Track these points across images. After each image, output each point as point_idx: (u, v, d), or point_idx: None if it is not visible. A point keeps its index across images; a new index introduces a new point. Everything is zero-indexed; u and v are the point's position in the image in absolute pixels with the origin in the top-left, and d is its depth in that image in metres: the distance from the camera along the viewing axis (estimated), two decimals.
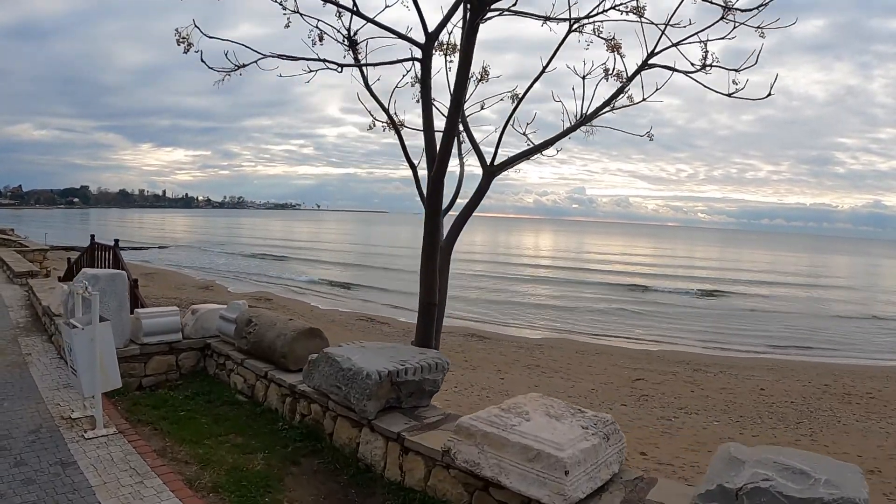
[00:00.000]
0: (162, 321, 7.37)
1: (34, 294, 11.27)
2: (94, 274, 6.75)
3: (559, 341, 22.68)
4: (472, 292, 37.14)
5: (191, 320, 7.87)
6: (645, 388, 16.15)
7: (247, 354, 7.28)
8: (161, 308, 7.69)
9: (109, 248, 13.81)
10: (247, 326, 7.22)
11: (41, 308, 10.01)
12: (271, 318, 7.21)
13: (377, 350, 6.03)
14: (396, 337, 21.37)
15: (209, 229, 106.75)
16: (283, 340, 6.74)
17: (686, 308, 35.51)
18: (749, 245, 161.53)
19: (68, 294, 6.79)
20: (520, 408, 4.55)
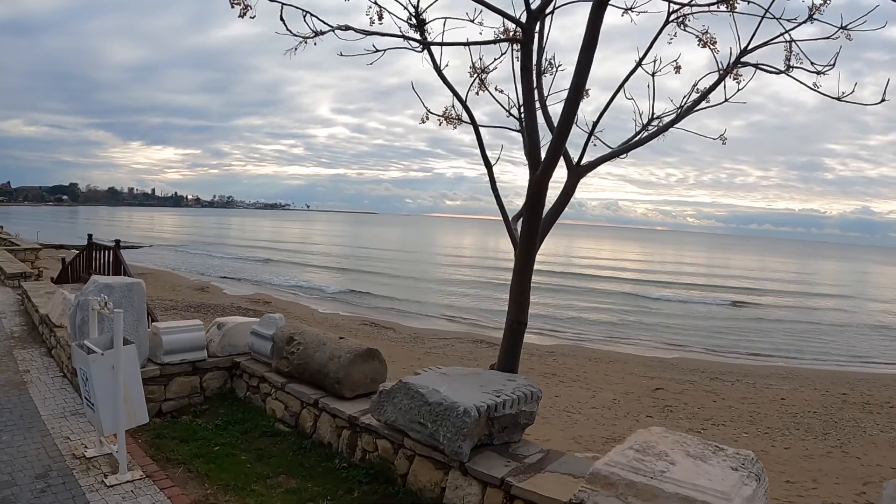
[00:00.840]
0: (185, 337, 6.28)
1: (29, 299, 10.12)
2: (108, 283, 5.67)
3: (570, 348, 21.79)
4: (476, 296, 36.11)
5: (216, 336, 6.79)
6: (667, 397, 15.54)
7: (288, 377, 6.24)
8: (183, 322, 6.58)
9: (109, 248, 12.68)
10: (288, 346, 6.16)
11: (38, 316, 8.88)
12: (318, 337, 6.14)
13: (461, 378, 5.03)
14: (404, 343, 20.41)
15: (200, 229, 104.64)
16: (337, 364, 5.69)
17: (688, 313, 34.81)
18: (739, 250, 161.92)
19: (76, 306, 5.70)
20: (653, 447, 3.67)
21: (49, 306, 8.36)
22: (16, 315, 10.31)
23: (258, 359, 6.71)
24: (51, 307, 8.24)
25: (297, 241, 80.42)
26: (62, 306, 7.65)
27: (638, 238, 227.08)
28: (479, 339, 21.86)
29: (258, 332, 6.66)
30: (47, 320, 8.08)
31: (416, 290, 36.16)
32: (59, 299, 7.95)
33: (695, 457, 3.60)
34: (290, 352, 6.11)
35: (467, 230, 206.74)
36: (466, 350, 20.05)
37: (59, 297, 8.04)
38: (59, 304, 7.82)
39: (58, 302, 7.94)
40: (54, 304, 8.03)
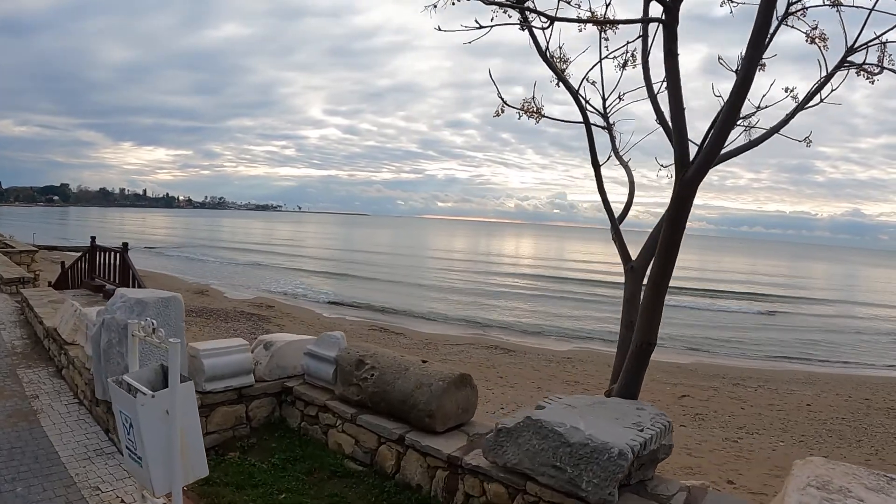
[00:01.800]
0: (229, 360, 5.23)
1: (31, 309, 9.00)
2: (140, 299, 4.59)
3: (587, 353, 20.91)
4: (479, 300, 35.16)
5: (263, 357, 5.74)
6: (694, 405, 14.91)
7: (358, 407, 5.23)
8: (225, 342, 5.51)
9: (116, 251, 11.59)
10: (358, 370, 5.14)
11: (43, 329, 7.79)
12: (395, 361, 5.13)
13: (590, 409, 4.21)
14: (417, 349, 19.38)
15: (193, 230, 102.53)
16: (427, 394, 4.69)
17: (696, 316, 34.04)
18: (732, 252, 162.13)
19: (99, 326, 4.62)
20: (831, 482, 3.11)
21: (57, 319, 7.28)
22: (16, 326, 9.16)
23: (314, 383, 5.68)
24: (59, 320, 7.15)
25: (292, 244, 78.93)
26: (73, 320, 6.58)
27: (630, 240, 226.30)
28: (493, 345, 20.95)
29: (316, 354, 5.62)
30: (55, 335, 7.00)
31: (417, 295, 35.09)
32: (69, 311, 6.87)
33: (876, 490, 3.11)
34: (361, 378, 5.09)
35: (460, 232, 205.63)
36: (483, 356, 19.11)
37: (69, 309, 6.96)
38: (69, 317, 6.74)
39: (67, 314, 6.86)
40: (63, 317, 6.94)
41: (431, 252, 74.12)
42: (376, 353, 5.31)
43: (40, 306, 8.90)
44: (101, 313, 4.65)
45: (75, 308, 6.69)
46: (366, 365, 5.15)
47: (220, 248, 62.22)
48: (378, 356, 5.22)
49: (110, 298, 4.79)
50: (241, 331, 19.41)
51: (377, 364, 5.10)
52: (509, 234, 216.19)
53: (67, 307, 7.12)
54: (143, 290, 4.84)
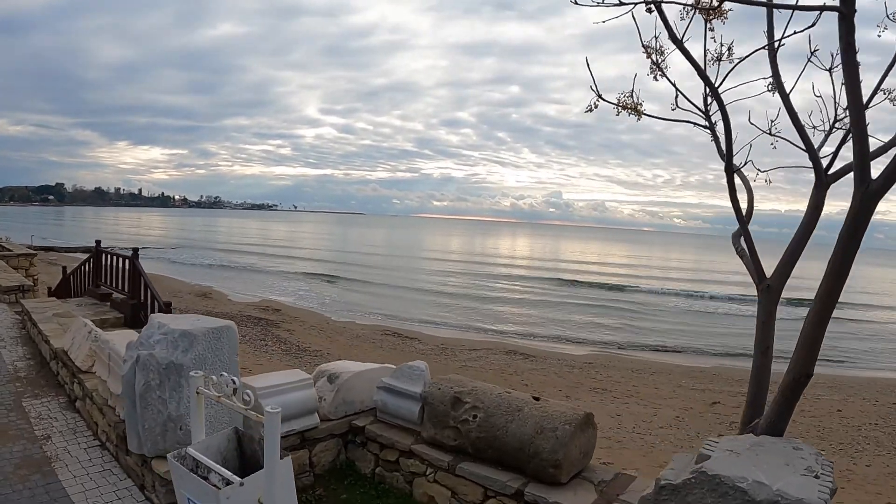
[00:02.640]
0: (291, 399, 4.23)
1: (34, 324, 7.94)
2: (186, 331, 3.56)
3: (607, 358, 20.02)
4: (485, 305, 34.24)
5: (327, 392, 4.75)
6: (728, 412, 14.06)
7: (455, 453, 4.26)
8: (284, 376, 4.49)
9: (125, 258, 10.54)
10: (455, 410, 4.16)
11: (50, 350, 6.75)
12: (502, 399, 4.15)
13: (754, 453, 3.37)
14: (435, 356, 18.43)
15: (190, 230, 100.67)
16: (552, 440, 3.72)
17: (702, 317, 33.36)
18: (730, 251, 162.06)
19: (133, 364, 3.58)
20: None
21: (66, 340, 6.24)
22: (17, 343, 8.08)
23: (392, 422, 4.69)
24: (69, 341, 6.12)
25: (290, 245, 77.62)
26: (88, 344, 5.55)
27: (625, 239, 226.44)
28: (511, 350, 20.03)
29: (395, 389, 4.63)
30: (65, 359, 5.98)
31: (422, 299, 34.09)
32: (82, 333, 5.85)
33: None
34: (460, 419, 4.11)
35: (457, 231, 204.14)
36: (503, 362, 18.18)
37: (81, 330, 5.94)
38: (81, 340, 5.72)
39: (80, 336, 5.83)
40: (75, 339, 5.90)
41: (431, 253, 72.81)
42: (475, 388, 4.32)
43: (44, 321, 7.86)
44: (134, 347, 3.64)
45: (89, 329, 5.66)
46: (465, 404, 4.17)
47: (218, 248, 60.86)
48: (479, 393, 4.23)
49: (144, 328, 3.77)
50: (251, 336, 18.40)
51: (480, 403, 4.12)
52: (507, 233, 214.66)
53: (78, 326, 6.09)
54: (185, 318, 3.80)
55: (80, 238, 61.81)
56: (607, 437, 11.90)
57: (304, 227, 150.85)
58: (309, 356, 16.76)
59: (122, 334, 4.97)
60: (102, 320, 9.50)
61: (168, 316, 3.84)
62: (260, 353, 16.71)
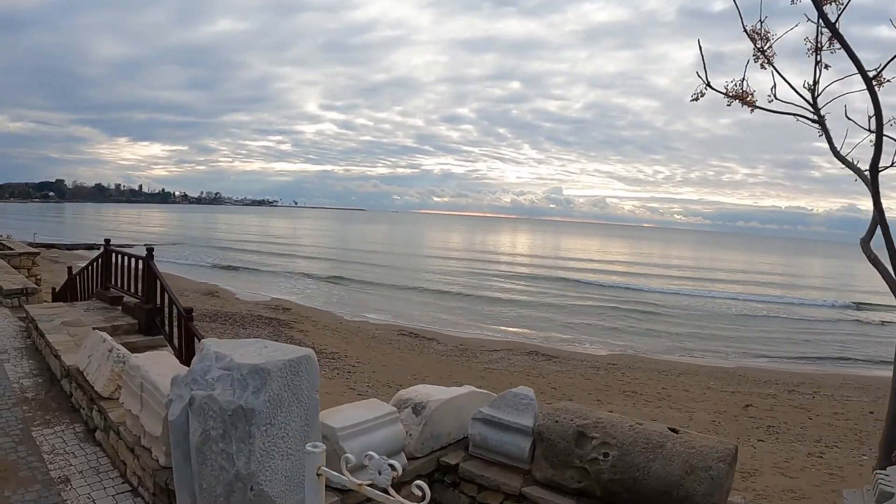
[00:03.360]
0: (377, 439, 3.36)
1: (41, 335, 7.05)
2: (256, 366, 2.63)
3: (631, 359, 19.23)
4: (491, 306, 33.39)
5: (413, 425, 3.87)
6: (762, 416, 13.61)
7: (578, 496, 3.41)
8: (366, 409, 3.57)
9: (138, 258, 9.65)
10: (580, 447, 3.34)
11: (61, 366, 5.87)
12: (638, 432, 3.36)
13: None
14: (456, 357, 17.63)
15: (192, 226, 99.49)
16: (707, 482, 3.01)
17: (712, 316, 32.66)
18: (732, 248, 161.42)
19: (185, 406, 2.66)
20: None
21: (82, 357, 5.34)
22: (22, 356, 7.16)
23: (492, 459, 3.82)
24: (84, 359, 5.23)
25: (294, 241, 76.71)
26: (110, 365, 4.66)
27: (627, 235, 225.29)
28: (532, 351, 19.23)
29: (499, 421, 3.76)
30: (81, 380, 5.10)
31: (434, 297, 33.27)
32: (100, 350, 4.96)
33: None
34: (588, 458, 3.28)
35: (459, 228, 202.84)
36: (526, 364, 17.39)
37: (99, 347, 5.05)
38: (100, 358, 4.83)
39: (97, 354, 4.94)
40: (92, 357, 5.00)
41: (436, 251, 71.75)
42: (601, 421, 3.48)
43: (53, 331, 6.97)
44: (183, 384, 2.77)
45: (109, 347, 4.78)
46: (592, 439, 3.33)
47: (221, 245, 59.84)
48: (607, 426, 3.39)
49: (196, 359, 2.88)
50: (263, 337, 17.55)
51: (611, 438, 3.28)
52: (509, 230, 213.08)
53: (95, 342, 5.21)
54: (246, 345, 2.89)
55: (82, 235, 60.87)
56: None
57: (305, 223, 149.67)
58: (326, 359, 15.91)
59: (155, 358, 4.10)
60: (114, 327, 8.63)
61: (226, 343, 2.95)
62: None
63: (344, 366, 15.36)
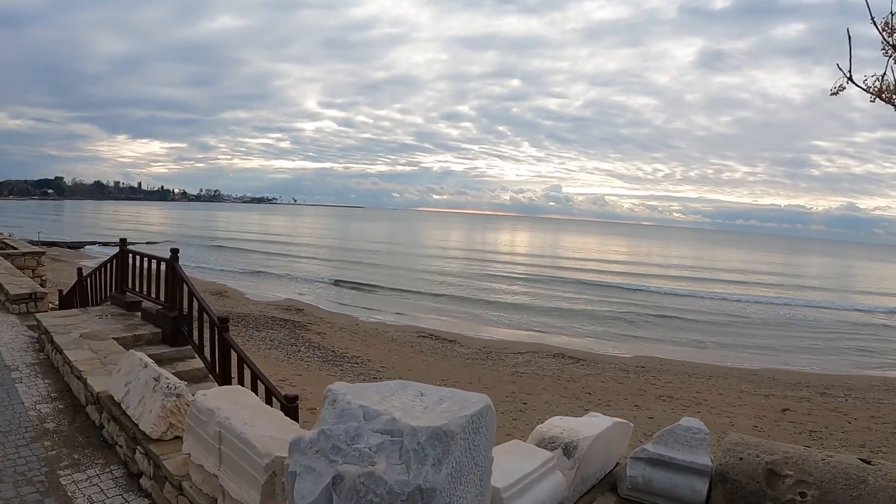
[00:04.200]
0: (540, 495, 2.46)
1: (58, 350, 6.06)
2: (437, 429, 1.72)
3: (658, 362, 18.41)
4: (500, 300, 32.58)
5: (566, 469, 2.98)
6: (801, 420, 13.02)
7: None
8: (512, 453, 2.71)
9: (161, 260, 8.72)
10: (772, 488, 2.53)
11: (86, 391, 4.92)
12: (832, 466, 2.49)
13: None
14: (481, 361, 16.77)
15: (192, 224, 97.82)
16: None
17: (729, 317, 31.94)
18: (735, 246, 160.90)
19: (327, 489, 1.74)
20: None
21: (116, 383, 4.34)
22: (36, 375, 6.17)
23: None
24: (122, 386, 4.23)
25: (297, 240, 75.54)
26: (158, 400, 3.70)
27: (628, 234, 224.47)
28: (557, 353, 18.37)
29: (666, 460, 2.87)
30: (117, 413, 4.16)
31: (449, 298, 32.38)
32: (143, 378, 3.99)
33: None
34: (782, 499, 2.42)
35: (460, 226, 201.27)
36: (554, 367, 16.54)
37: (140, 374, 4.08)
38: (145, 391, 3.86)
39: (140, 383, 3.96)
40: (134, 386, 4.01)
41: (440, 249, 70.63)
42: (790, 454, 2.60)
43: (71, 346, 6.01)
44: (313, 451, 1.85)
45: (156, 376, 3.81)
46: (785, 478, 2.47)
47: (223, 242, 58.72)
48: (798, 460, 2.54)
49: (330, 415, 1.94)
50: (280, 341, 16.63)
51: (806, 476, 2.43)
52: (510, 228, 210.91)
53: (133, 365, 4.24)
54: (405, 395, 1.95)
55: (82, 233, 59.75)
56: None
57: (306, 221, 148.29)
58: (349, 363, 15.00)
59: (231, 395, 3.14)
60: (136, 337, 7.69)
61: (368, 391, 2.00)
62: (295, 360, 14.96)
63: (368, 371, 14.44)
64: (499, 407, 12.49)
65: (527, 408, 12.64)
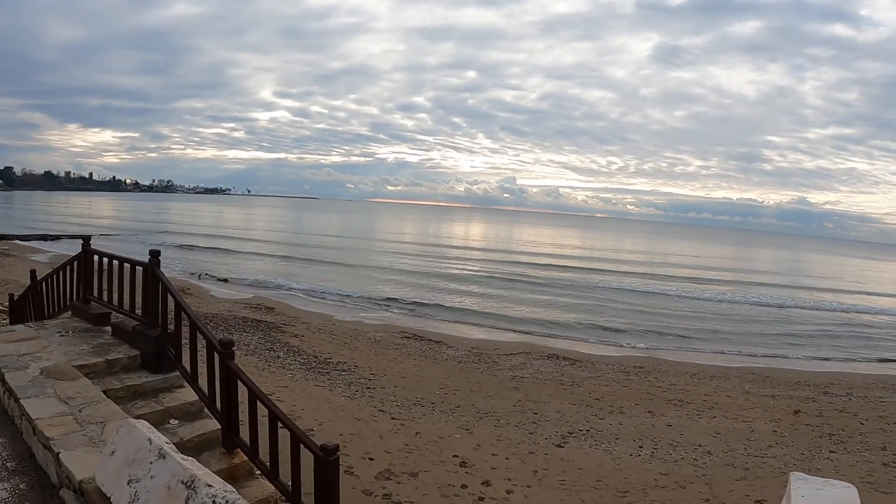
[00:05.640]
0: None
1: (12, 395, 4.41)
2: None
3: (655, 362, 17.53)
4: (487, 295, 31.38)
5: None
6: (816, 423, 12.31)
7: None
8: None
9: (137, 265, 7.04)
10: None
11: (58, 469, 3.31)
12: None
13: None
14: (475, 365, 15.52)
15: (145, 215, 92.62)
16: None
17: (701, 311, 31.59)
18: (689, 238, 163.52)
19: None
20: None
21: (110, 474, 2.77)
22: None
23: None
24: (120, 482, 2.66)
25: (254, 230, 72.46)
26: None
27: (583, 226, 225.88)
28: (550, 354, 17.25)
29: None
30: None
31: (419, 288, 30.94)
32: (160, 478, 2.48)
33: None
34: None
35: (416, 217, 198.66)
36: (552, 370, 15.42)
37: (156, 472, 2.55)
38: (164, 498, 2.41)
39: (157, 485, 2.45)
40: (141, 487, 2.54)
41: (398, 239, 68.85)
42: None
43: (30, 392, 4.33)
44: None
45: (189, 479, 2.29)
46: None
47: (179, 234, 55.59)
48: None
49: None
50: (256, 346, 14.92)
51: None
52: (466, 219, 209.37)
53: (136, 448, 2.68)
54: None
55: (33, 223, 55.94)
56: (750, 469, 9.54)
57: (261, 212, 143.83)
58: (336, 371, 13.47)
59: None
60: (109, 363, 6.04)
61: None
62: (276, 368, 13.32)
63: (359, 380, 12.96)
64: (511, 419, 11.22)
65: (540, 419, 11.43)
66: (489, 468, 8.68)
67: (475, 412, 11.47)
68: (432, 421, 10.76)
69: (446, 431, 10.17)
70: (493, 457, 9.17)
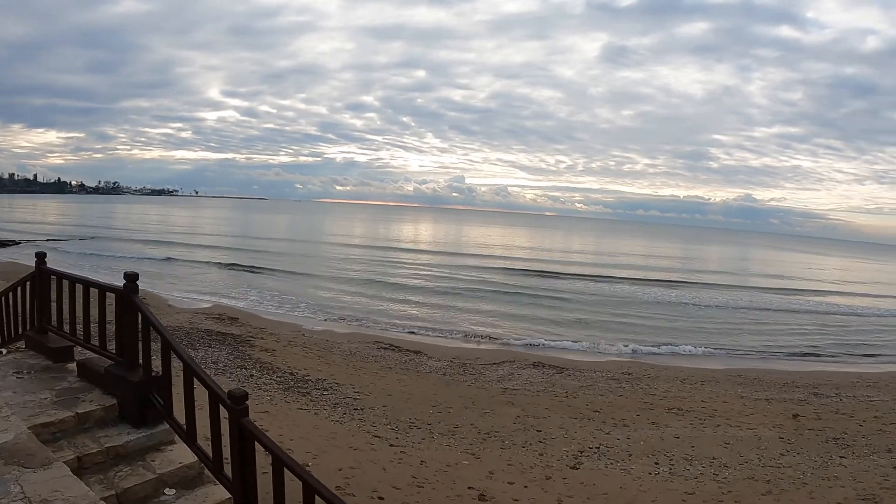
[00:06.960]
0: None
1: None
2: None
3: (641, 367, 17.12)
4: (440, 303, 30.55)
5: None
6: (817, 426, 11.99)
7: None
8: None
9: (108, 290, 5.85)
10: None
11: None
12: None
13: None
14: (461, 377, 14.73)
15: (92, 218, 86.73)
16: None
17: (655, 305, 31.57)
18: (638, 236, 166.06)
19: None
20: None
21: None
22: None
23: None
24: None
25: (204, 233, 69.49)
26: None
27: (532, 224, 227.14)
28: (534, 362, 16.52)
29: None
30: None
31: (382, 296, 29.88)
32: None
33: None
34: None
35: (365, 217, 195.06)
36: (542, 380, 14.73)
37: None
38: None
39: None
40: None
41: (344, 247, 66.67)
42: None
43: None
44: None
45: None
46: None
47: (128, 238, 52.51)
48: None
49: None
50: (225, 363, 13.56)
51: None
52: (414, 219, 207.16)
53: None
54: None
55: None
56: (772, 481, 8.89)
57: (210, 213, 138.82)
58: (317, 390, 12.30)
59: None
60: (79, 417, 4.88)
61: None
62: (251, 388, 11.94)
63: (344, 399, 11.86)
64: (515, 438, 10.35)
65: (545, 437, 10.63)
66: (510, 499, 7.87)
67: (476, 433, 10.58)
68: (434, 446, 9.81)
69: (452, 458, 9.24)
70: (510, 486, 8.33)
